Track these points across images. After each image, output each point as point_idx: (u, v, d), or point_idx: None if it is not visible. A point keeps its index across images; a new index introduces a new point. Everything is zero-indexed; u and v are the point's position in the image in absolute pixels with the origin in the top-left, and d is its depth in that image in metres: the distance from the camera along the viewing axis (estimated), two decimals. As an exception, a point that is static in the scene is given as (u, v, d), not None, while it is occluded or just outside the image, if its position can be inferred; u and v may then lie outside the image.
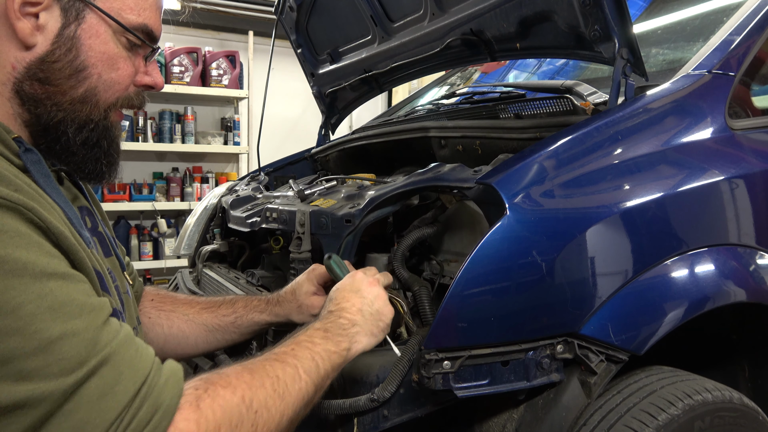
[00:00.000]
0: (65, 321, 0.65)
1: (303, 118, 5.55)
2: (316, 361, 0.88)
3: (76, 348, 0.65)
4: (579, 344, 1.08)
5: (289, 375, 0.83)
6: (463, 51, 1.85)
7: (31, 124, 0.84)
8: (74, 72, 0.84)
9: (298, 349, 0.88)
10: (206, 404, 0.72)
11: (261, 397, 0.77)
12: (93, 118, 0.87)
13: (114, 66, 0.88)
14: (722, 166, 1.29)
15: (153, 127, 4.72)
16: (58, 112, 0.84)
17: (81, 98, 0.86)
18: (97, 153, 0.89)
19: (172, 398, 0.70)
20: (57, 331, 0.64)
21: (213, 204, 2.19)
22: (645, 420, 1.07)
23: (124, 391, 0.67)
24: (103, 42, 0.86)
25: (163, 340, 1.19)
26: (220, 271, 1.89)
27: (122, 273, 1.01)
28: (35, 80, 0.82)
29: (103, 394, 0.65)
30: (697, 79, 1.37)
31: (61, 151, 0.86)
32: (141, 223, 4.82)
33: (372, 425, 1.04)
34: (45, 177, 0.79)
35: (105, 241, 0.98)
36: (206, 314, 1.23)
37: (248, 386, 0.77)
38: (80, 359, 0.65)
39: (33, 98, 0.83)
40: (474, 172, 1.23)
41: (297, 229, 1.40)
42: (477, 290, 1.02)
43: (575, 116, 1.40)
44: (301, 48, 2.41)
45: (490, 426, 1.13)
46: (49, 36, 0.83)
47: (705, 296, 1.19)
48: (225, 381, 0.76)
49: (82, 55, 0.84)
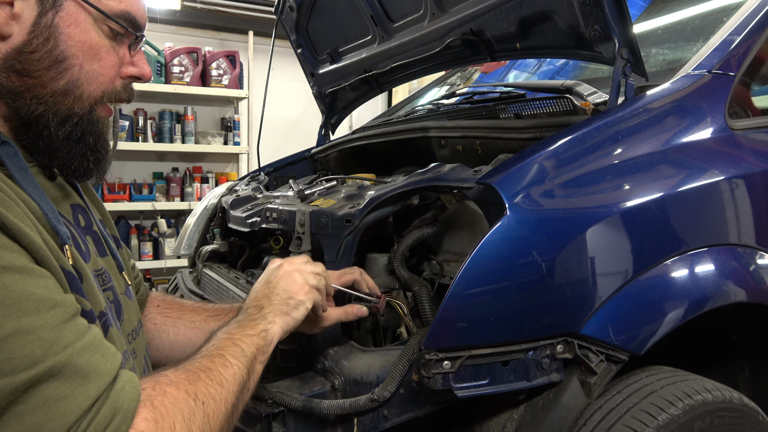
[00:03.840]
0: (18, 317, 0.63)
1: (303, 118, 5.55)
2: (240, 346, 0.88)
3: (29, 347, 0.62)
4: (579, 344, 1.08)
5: (219, 363, 0.83)
6: (463, 51, 1.85)
7: (10, 118, 0.81)
8: (54, 63, 0.80)
9: (219, 342, 0.89)
10: (158, 401, 0.72)
11: (202, 388, 0.78)
12: (77, 112, 0.83)
13: (96, 56, 0.84)
14: (722, 166, 1.29)
15: (153, 127, 4.72)
16: (38, 105, 0.80)
17: (63, 90, 0.82)
18: (83, 149, 0.86)
19: (131, 402, 0.69)
20: (8, 328, 0.61)
21: (213, 204, 2.19)
22: (645, 420, 1.07)
23: (85, 395, 0.65)
24: (83, 31, 0.82)
25: (169, 347, 1.18)
26: (220, 271, 1.89)
27: (120, 273, 0.99)
28: (12, 72, 0.78)
29: (62, 397, 0.63)
30: (697, 79, 1.37)
31: (45, 147, 0.83)
32: (141, 223, 4.82)
33: (372, 425, 1.04)
34: (21, 170, 0.76)
35: (100, 240, 0.96)
36: (213, 322, 1.21)
37: (188, 381, 0.77)
38: (34, 359, 0.62)
39: (11, 91, 0.79)
40: (474, 172, 1.23)
41: (297, 229, 1.40)
42: (477, 290, 1.02)
43: (575, 116, 1.40)
44: (301, 48, 2.41)
45: (490, 426, 1.13)
46: (26, 25, 0.78)
47: (705, 296, 1.19)
48: (166, 379, 0.76)
49: (62, 44, 0.80)
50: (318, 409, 1.03)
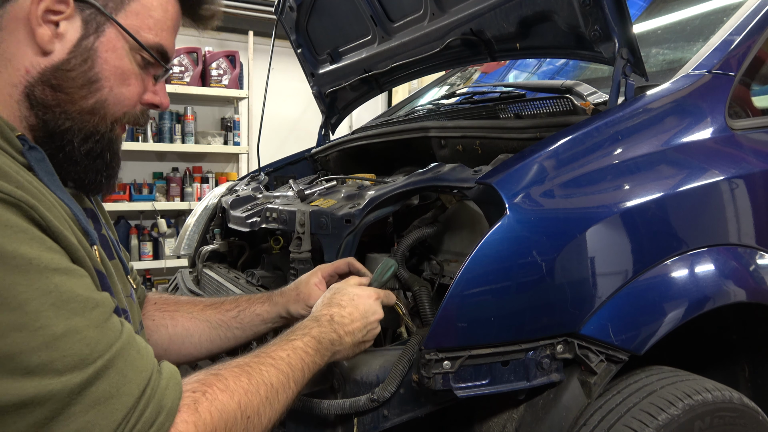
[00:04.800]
0: (68, 317, 0.66)
1: (303, 118, 5.55)
2: (304, 372, 0.91)
3: (78, 345, 0.65)
4: (579, 344, 1.08)
5: (282, 384, 0.85)
6: (463, 51, 1.85)
7: (36, 128, 0.84)
8: (87, 83, 0.85)
9: (293, 357, 0.90)
10: (204, 407, 0.73)
11: (255, 403, 0.79)
12: (99, 130, 0.88)
13: (126, 81, 0.89)
14: (722, 166, 1.29)
15: (153, 127, 4.72)
16: (66, 120, 0.85)
17: (90, 109, 0.86)
18: (99, 164, 0.90)
19: (174, 400, 0.71)
20: (61, 328, 0.65)
21: (213, 204, 2.19)
22: (645, 420, 1.07)
23: (129, 393, 0.68)
24: (118, 57, 0.87)
25: (168, 340, 1.20)
26: (220, 271, 1.89)
27: (126, 276, 1.01)
28: (47, 86, 0.83)
29: (109, 397, 0.66)
30: (697, 79, 1.37)
31: (64, 160, 0.86)
32: (141, 223, 4.82)
33: (372, 425, 1.04)
34: (49, 175, 0.80)
35: (108, 244, 0.98)
36: (210, 311, 1.24)
37: (245, 392, 0.79)
38: (82, 357, 0.65)
39: (43, 103, 0.83)
40: (474, 172, 1.23)
41: (297, 229, 1.40)
42: (477, 290, 1.02)
43: (575, 116, 1.40)
44: (301, 48, 2.41)
45: (490, 426, 1.13)
46: (67, 45, 0.83)
47: (705, 296, 1.19)
48: (223, 384, 0.78)
49: (97, 67, 0.85)
50: (318, 409, 1.03)
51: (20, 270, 0.64)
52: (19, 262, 0.64)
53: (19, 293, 0.63)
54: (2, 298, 0.62)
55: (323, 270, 1.23)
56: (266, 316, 1.24)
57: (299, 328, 0.97)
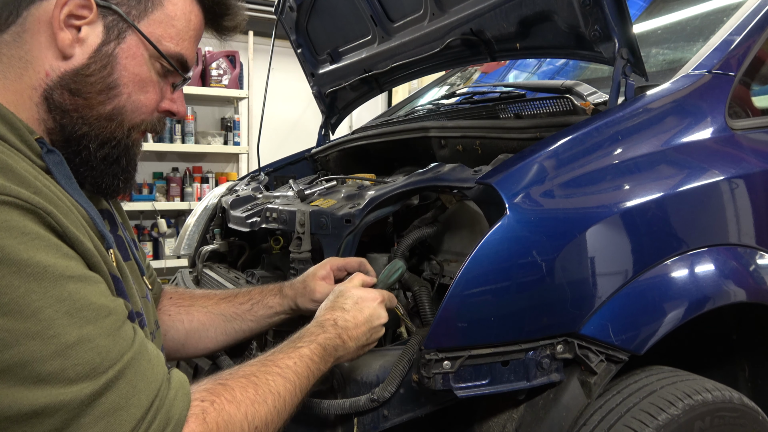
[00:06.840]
0: (81, 326, 0.66)
1: (303, 118, 5.55)
2: (309, 380, 0.91)
3: (90, 354, 0.66)
4: (579, 344, 1.08)
5: (289, 392, 0.86)
6: (463, 51, 1.85)
7: (54, 132, 0.84)
8: (105, 88, 0.85)
9: (300, 365, 0.90)
10: (211, 418, 0.74)
11: (262, 413, 0.80)
12: (116, 136, 0.88)
13: (144, 89, 0.89)
14: (722, 166, 1.29)
15: (153, 127, 4.72)
16: (83, 125, 0.85)
17: (108, 115, 0.86)
18: (116, 170, 0.90)
19: (182, 411, 0.72)
20: (74, 336, 0.65)
21: (213, 204, 2.19)
22: (645, 420, 1.07)
23: (138, 405, 0.68)
24: (138, 64, 0.87)
25: (185, 335, 1.21)
26: (220, 271, 1.89)
27: (141, 277, 1.01)
28: (66, 90, 0.83)
29: (119, 408, 0.66)
30: (697, 79, 1.37)
31: (80, 164, 0.86)
32: (141, 223, 4.82)
33: (372, 425, 1.04)
34: (67, 178, 0.80)
35: (123, 245, 0.99)
36: (224, 304, 1.25)
37: (252, 402, 0.79)
38: (94, 366, 0.66)
39: (61, 107, 0.83)
40: (474, 172, 1.23)
41: (297, 229, 1.40)
42: (477, 290, 1.02)
43: (575, 116, 1.40)
44: (301, 48, 2.41)
45: (490, 426, 1.13)
46: (88, 50, 0.83)
47: (705, 296, 1.19)
48: (230, 395, 0.78)
49: (116, 73, 0.85)
50: (318, 409, 1.03)
51: (36, 278, 0.64)
52: (35, 269, 0.64)
53: (33, 301, 0.63)
54: (18, 306, 0.62)
55: (332, 263, 1.23)
56: (278, 308, 1.25)
57: (306, 335, 0.97)
